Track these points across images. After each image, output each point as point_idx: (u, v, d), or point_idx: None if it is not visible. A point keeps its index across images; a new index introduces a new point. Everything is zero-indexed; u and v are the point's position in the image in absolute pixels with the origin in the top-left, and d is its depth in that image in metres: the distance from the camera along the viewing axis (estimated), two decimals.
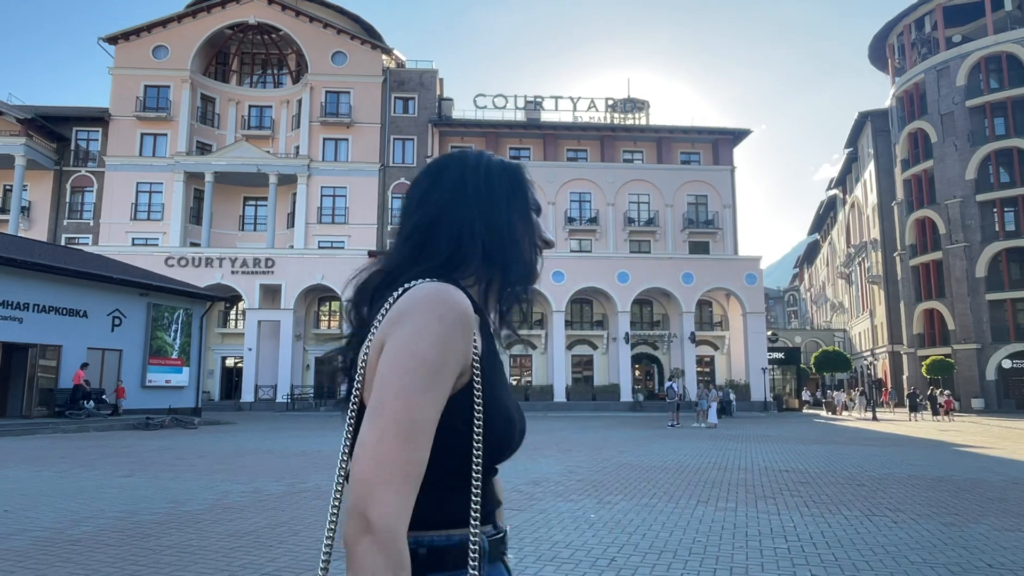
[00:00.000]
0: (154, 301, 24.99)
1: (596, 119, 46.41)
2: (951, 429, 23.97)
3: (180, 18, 44.13)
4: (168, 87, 43.33)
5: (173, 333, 25.78)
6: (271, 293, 36.90)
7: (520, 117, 45.71)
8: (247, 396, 35.61)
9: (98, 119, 43.14)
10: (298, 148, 43.96)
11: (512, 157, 45.22)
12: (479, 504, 1.02)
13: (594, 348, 40.14)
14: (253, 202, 44.16)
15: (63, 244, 38.46)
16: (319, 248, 40.40)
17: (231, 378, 38.39)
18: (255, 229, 43.73)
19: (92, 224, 41.84)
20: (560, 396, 37.27)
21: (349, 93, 44.41)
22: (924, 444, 17.11)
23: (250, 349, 35.60)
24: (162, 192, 42.13)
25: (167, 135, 43.00)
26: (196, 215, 42.84)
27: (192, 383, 26.48)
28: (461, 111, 46.50)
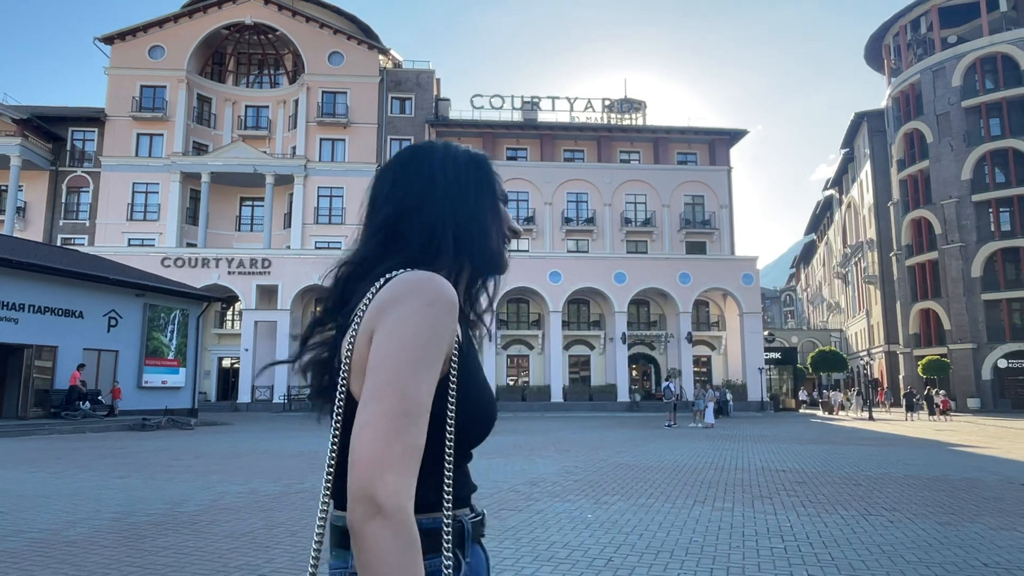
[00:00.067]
0: (150, 302, 24.93)
1: (593, 119, 46.45)
2: (947, 429, 24.03)
3: (176, 18, 44.05)
4: (164, 87, 43.24)
5: (169, 334, 25.72)
6: (268, 294, 36.85)
7: (517, 117, 45.73)
8: (244, 397, 35.55)
9: (94, 119, 43.03)
10: (295, 148, 43.91)
11: (509, 157, 45.63)
12: (453, 488, 1.05)
13: (591, 348, 40.16)
14: (250, 202, 44.09)
15: (59, 245, 38.35)
16: (316, 248, 40.33)
17: (228, 379, 38.32)
18: (252, 230, 43.66)
19: (88, 224, 41.74)
20: (557, 396, 37.29)
21: (346, 93, 44.38)
22: (920, 444, 17.16)
23: (247, 350, 35.54)
24: (158, 192, 42.04)
25: (163, 135, 42.91)
26: (192, 215, 42.76)
27: (188, 384, 26.42)
28: (458, 111, 46.52)
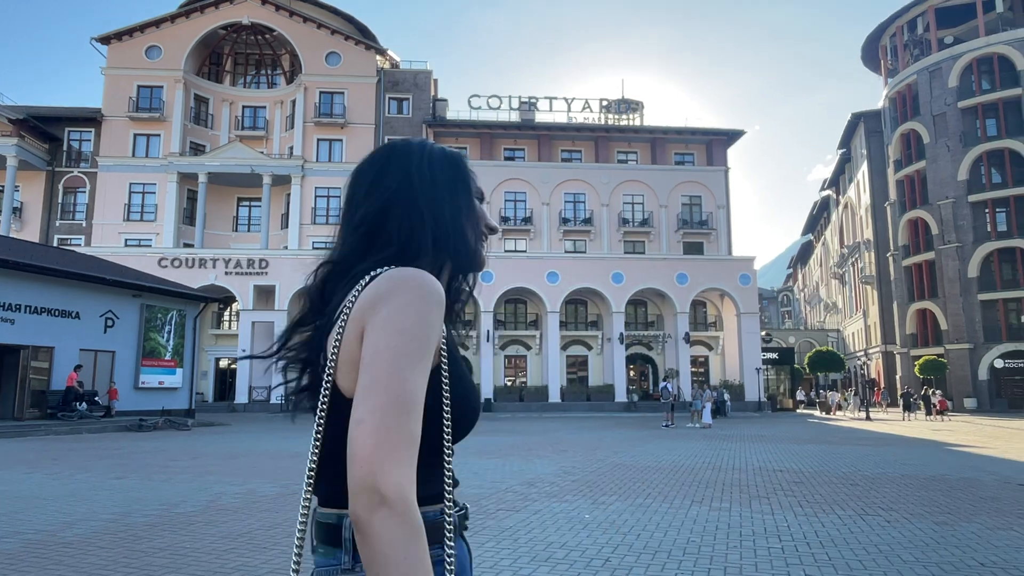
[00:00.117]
0: (147, 302, 24.88)
1: (590, 120, 46.47)
2: (944, 429, 24.08)
3: (173, 18, 43.99)
4: (161, 87, 43.17)
5: (166, 334, 25.67)
6: (265, 294, 36.81)
7: (515, 118, 45.73)
8: (241, 397, 35.51)
9: (91, 119, 42.95)
10: (292, 149, 43.87)
11: (507, 158, 45.65)
12: (451, 480, 1.07)
13: (589, 349, 40.17)
14: (247, 203, 44.04)
15: (55, 245, 38.27)
16: (313, 249, 40.28)
17: (225, 379, 38.27)
18: (249, 230, 43.61)
19: (85, 225, 41.66)
20: (555, 397, 37.29)
21: (343, 94, 44.35)
22: (917, 444, 17.19)
23: (244, 350, 35.49)
24: (155, 193, 41.97)
25: (160, 136, 42.84)
26: (189, 216, 42.69)
27: (185, 384, 26.38)
28: (455, 112, 46.50)
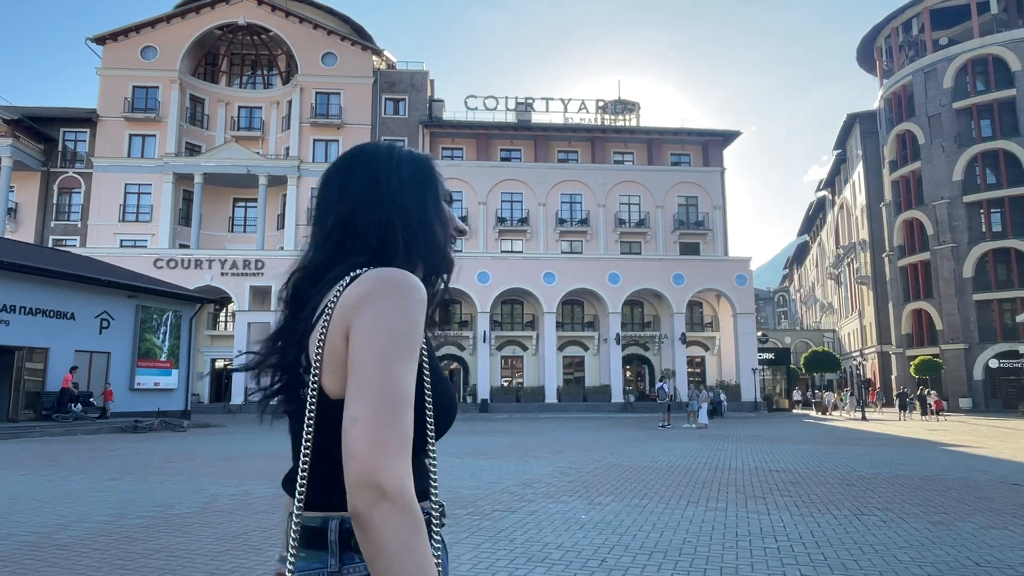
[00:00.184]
0: (143, 303, 24.81)
1: (587, 121, 46.51)
2: (939, 429, 24.14)
3: (169, 18, 43.88)
4: (157, 88, 43.07)
5: (162, 335, 25.61)
6: (261, 295, 36.74)
7: (511, 118, 45.74)
8: (237, 399, 35.42)
9: (86, 120, 42.82)
10: (288, 149, 43.80)
11: (503, 159, 45.65)
12: (436, 477, 1.10)
13: (585, 349, 40.20)
14: (243, 203, 43.97)
15: (50, 246, 38.12)
16: None
17: (221, 381, 38.18)
18: (245, 231, 43.53)
19: (80, 226, 41.53)
20: (551, 397, 37.30)
21: (339, 94, 44.31)
22: (913, 444, 17.23)
23: (240, 351, 35.42)
24: (151, 193, 41.86)
25: (156, 136, 42.74)
26: (185, 216, 42.59)
27: (181, 385, 26.32)
28: (452, 112, 46.49)
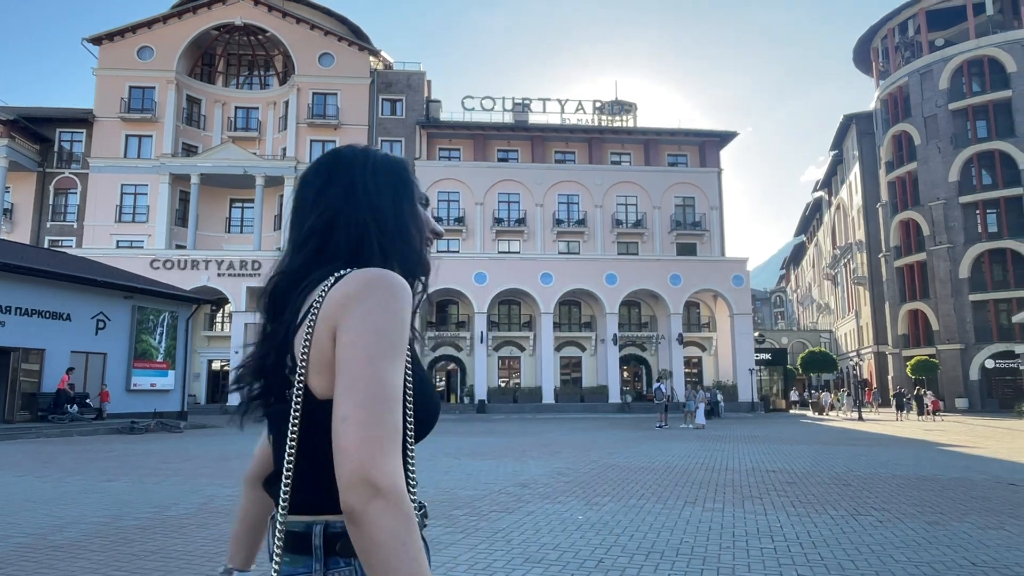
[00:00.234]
0: (139, 304, 24.74)
1: (584, 121, 46.54)
2: (935, 429, 24.20)
3: (165, 19, 43.80)
4: (153, 88, 42.99)
5: (158, 336, 25.54)
6: (258, 296, 36.57)
7: (508, 119, 45.74)
8: (234, 400, 35.33)
9: (82, 120, 42.73)
10: (285, 150, 43.75)
11: (500, 159, 45.64)
12: (415, 478, 1.10)
13: (582, 350, 40.21)
14: (239, 204, 43.89)
15: (46, 247, 38.02)
16: None
17: (217, 381, 38.11)
18: (241, 231, 43.46)
19: (76, 226, 41.42)
20: (548, 398, 37.30)
21: (336, 95, 44.27)
22: (909, 444, 17.27)
23: (237, 352, 35.33)
24: (147, 194, 41.77)
25: (152, 136, 42.65)
26: (182, 217, 42.50)
27: (178, 386, 26.25)
28: (449, 113, 46.50)
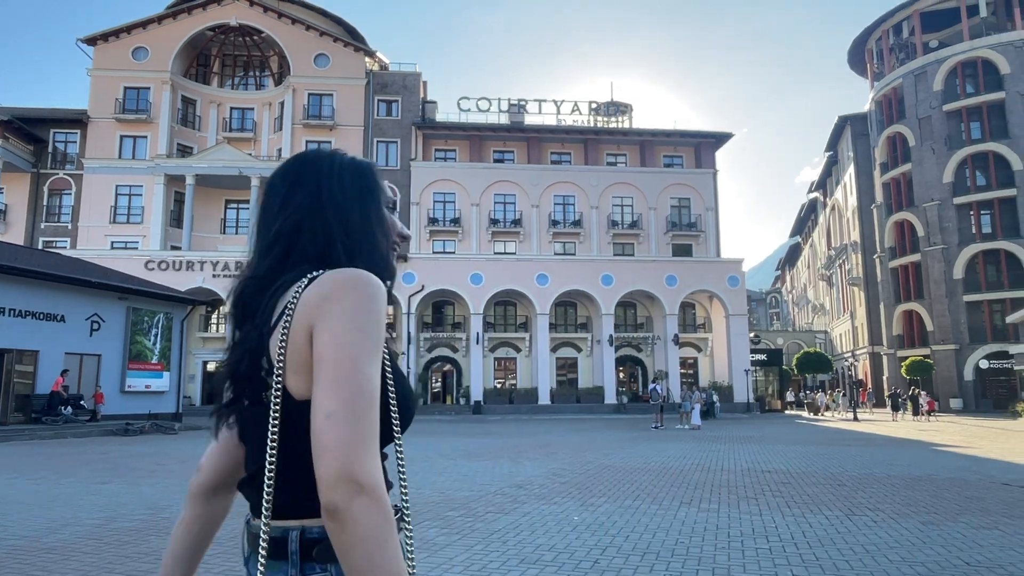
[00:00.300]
0: (134, 305, 24.66)
1: (580, 122, 46.57)
2: (930, 429, 24.28)
3: (160, 19, 43.71)
4: (148, 89, 42.88)
5: (153, 337, 25.46)
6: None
7: (504, 120, 45.75)
8: None
9: (76, 121, 42.59)
10: (280, 150, 43.67)
11: (496, 160, 45.63)
12: (404, 471, 1.12)
13: (578, 351, 40.22)
14: (235, 205, 43.80)
15: (40, 247, 37.88)
16: None
17: (212, 383, 37.99)
18: (237, 232, 43.36)
19: (70, 227, 41.28)
20: (544, 399, 37.30)
21: (332, 95, 44.23)
22: (904, 444, 17.32)
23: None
24: (142, 195, 41.66)
25: (147, 137, 42.54)
26: (177, 218, 42.40)
27: (173, 388, 26.17)
28: (445, 114, 46.49)
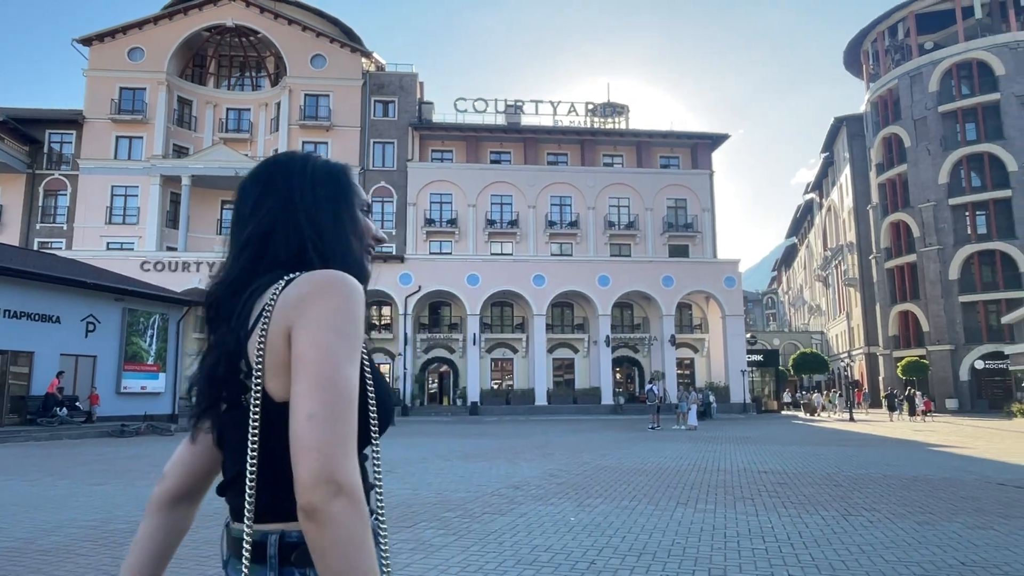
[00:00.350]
0: (129, 306, 24.59)
1: (576, 123, 46.58)
2: (925, 429, 24.35)
3: (156, 20, 43.61)
4: (144, 89, 42.78)
5: (149, 339, 25.40)
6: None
7: (500, 121, 45.74)
8: None
9: (72, 121, 42.47)
10: (277, 151, 43.42)
11: (493, 161, 45.63)
12: (380, 474, 1.10)
13: (575, 351, 40.23)
14: (231, 206, 43.50)
15: (36, 248, 37.76)
16: None
17: None
18: None
19: (66, 228, 41.16)
20: (541, 399, 37.30)
21: (328, 96, 44.18)
22: (900, 444, 17.36)
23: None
24: (138, 195, 41.56)
25: (143, 138, 42.44)
26: (173, 219, 42.31)
27: (169, 389, 26.10)
28: (441, 115, 46.44)
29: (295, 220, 1.14)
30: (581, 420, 30.82)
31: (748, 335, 42.35)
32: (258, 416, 1.03)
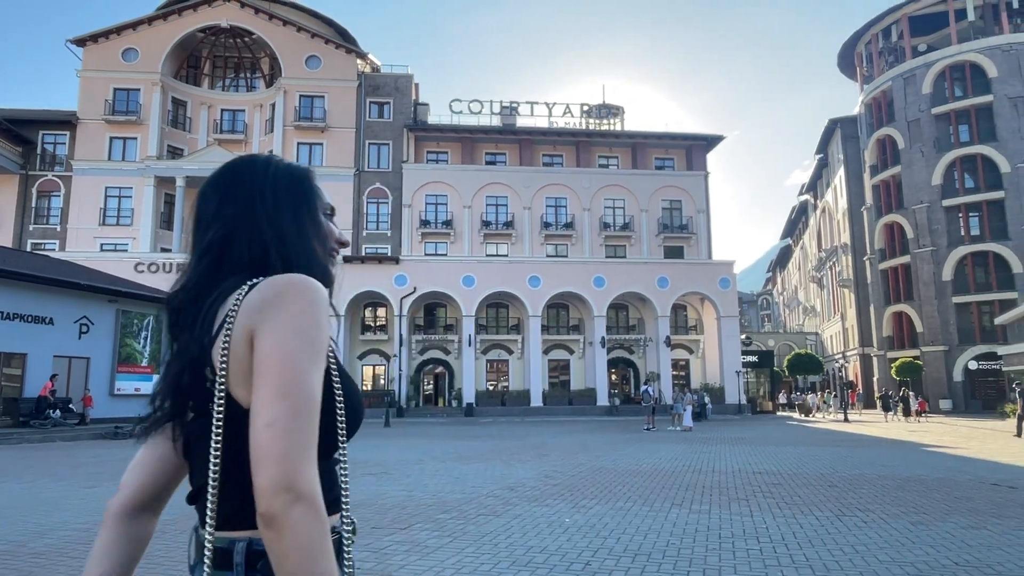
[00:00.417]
0: (123, 308, 24.50)
1: (572, 125, 46.63)
2: (919, 430, 24.43)
3: (150, 20, 43.51)
4: (138, 90, 42.67)
5: (143, 340, 25.32)
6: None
7: (496, 122, 45.76)
8: None
9: (65, 122, 42.32)
10: (272, 152, 43.44)
11: (488, 162, 45.64)
12: (347, 486, 1.08)
13: (570, 352, 40.25)
14: None
15: (29, 250, 37.59)
16: None
17: None
18: None
19: (59, 229, 41.00)
20: (537, 401, 37.29)
21: (324, 97, 44.13)
22: (894, 445, 17.41)
23: None
24: (131, 197, 41.43)
25: (137, 139, 42.32)
26: (167, 220, 42.19)
27: None
28: (437, 116, 46.46)
29: (257, 224, 1.12)
30: (576, 421, 30.83)
31: (743, 336, 42.45)
32: (221, 423, 1.01)
